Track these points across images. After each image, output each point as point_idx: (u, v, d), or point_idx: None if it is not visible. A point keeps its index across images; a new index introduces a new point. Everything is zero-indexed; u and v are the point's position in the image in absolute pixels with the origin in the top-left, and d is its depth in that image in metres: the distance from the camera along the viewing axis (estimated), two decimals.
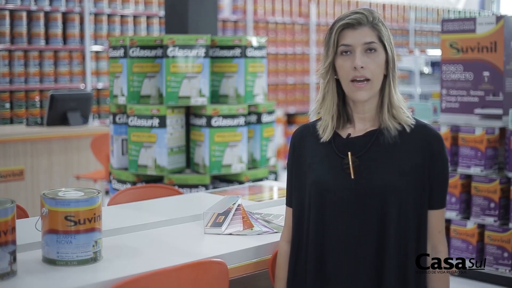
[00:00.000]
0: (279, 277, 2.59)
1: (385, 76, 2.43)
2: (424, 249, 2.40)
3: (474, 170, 5.36)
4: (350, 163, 2.38)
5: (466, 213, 5.50)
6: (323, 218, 2.41)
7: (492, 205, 5.29)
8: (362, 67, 2.35)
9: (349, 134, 2.45)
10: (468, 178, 5.46)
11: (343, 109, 2.48)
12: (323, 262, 2.41)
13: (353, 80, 2.37)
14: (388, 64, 2.42)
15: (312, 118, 2.58)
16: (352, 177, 2.37)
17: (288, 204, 2.60)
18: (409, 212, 2.36)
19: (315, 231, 2.43)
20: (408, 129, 2.41)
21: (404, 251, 2.36)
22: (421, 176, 2.37)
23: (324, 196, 2.41)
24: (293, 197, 2.56)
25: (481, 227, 5.38)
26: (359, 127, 2.46)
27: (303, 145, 2.53)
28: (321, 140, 2.47)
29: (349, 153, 2.40)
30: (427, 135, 2.41)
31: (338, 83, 2.46)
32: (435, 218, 2.41)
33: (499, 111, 5.37)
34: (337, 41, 2.41)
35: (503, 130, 5.40)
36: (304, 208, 2.49)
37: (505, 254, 5.20)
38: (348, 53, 2.39)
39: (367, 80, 2.37)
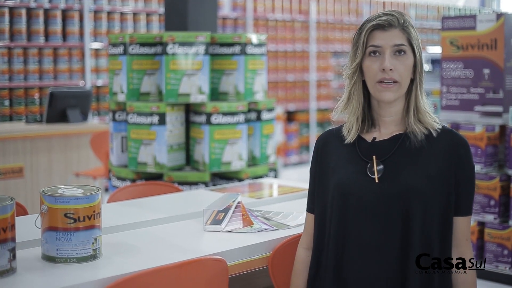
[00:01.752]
0: (295, 284, 2.56)
1: (412, 80, 2.40)
2: (448, 255, 2.36)
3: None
4: (375, 167, 2.36)
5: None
6: (345, 222, 2.38)
7: (492, 202, 5.29)
8: (391, 69, 2.32)
9: (375, 138, 2.43)
10: None
11: (369, 112, 2.46)
12: (343, 268, 2.38)
13: (380, 81, 2.35)
14: (416, 68, 2.39)
15: (335, 116, 2.54)
16: (376, 181, 2.35)
17: (309, 210, 2.57)
18: (433, 218, 2.32)
19: (336, 235, 2.40)
20: (434, 134, 2.38)
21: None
22: (446, 181, 2.33)
23: (347, 200, 2.38)
24: (315, 202, 2.53)
25: (481, 224, 5.38)
26: (384, 131, 2.43)
27: (327, 150, 2.51)
28: (346, 142, 2.45)
29: (374, 157, 2.38)
30: (454, 140, 2.38)
31: (364, 84, 2.43)
32: (462, 225, 2.38)
33: (499, 109, 5.37)
34: (366, 41, 2.38)
35: (503, 127, 5.39)
36: (326, 213, 2.46)
37: (505, 252, 5.20)
38: (377, 54, 2.36)
39: (395, 82, 2.34)
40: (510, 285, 5.18)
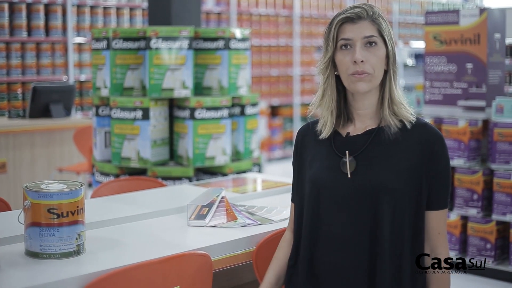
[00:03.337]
0: (277, 257, 2.58)
1: (386, 72, 2.40)
2: (421, 250, 2.36)
3: (457, 162, 5.38)
4: (348, 162, 2.37)
5: (449, 204, 5.51)
6: (318, 216, 2.40)
7: (475, 196, 5.31)
8: (362, 61, 2.32)
9: (348, 133, 2.43)
10: (451, 169, 5.47)
11: (344, 107, 2.46)
12: (315, 259, 2.40)
13: (352, 74, 2.35)
14: (388, 59, 2.39)
15: (311, 113, 2.55)
16: (349, 176, 2.36)
17: (292, 200, 2.59)
18: (404, 212, 2.32)
19: (309, 228, 2.42)
20: (408, 126, 2.38)
21: (399, 251, 2.33)
22: (418, 176, 2.33)
23: (321, 194, 2.39)
24: (295, 194, 2.56)
25: (464, 218, 5.41)
26: (359, 125, 2.44)
27: (305, 144, 2.53)
28: (320, 137, 2.46)
29: (347, 152, 2.38)
30: (427, 134, 2.37)
31: (338, 79, 2.43)
32: (434, 219, 2.37)
33: (482, 103, 5.39)
34: (337, 35, 2.38)
35: (486, 122, 5.42)
36: (303, 205, 2.48)
37: (488, 246, 5.23)
38: (348, 47, 2.36)
39: (368, 73, 2.34)
40: (493, 279, 5.21)
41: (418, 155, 2.35)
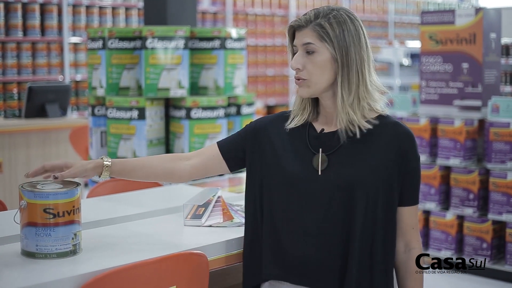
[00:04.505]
0: (154, 158, 2.69)
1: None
2: (393, 246, 2.41)
3: (453, 162, 5.39)
4: (319, 160, 2.40)
5: (445, 204, 5.53)
6: (289, 210, 2.43)
7: (471, 196, 5.32)
8: (298, 68, 2.40)
9: (323, 129, 2.47)
10: (447, 169, 5.49)
11: (316, 104, 2.52)
12: (286, 254, 2.43)
13: (295, 79, 2.45)
14: (337, 64, 2.38)
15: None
16: (319, 173, 2.39)
17: (221, 147, 2.62)
18: (376, 208, 2.36)
19: (280, 222, 2.45)
20: (380, 126, 2.40)
21: (371, 247, 2.36)
22: (389, 173, 2.36)
23: (292, 189, 2.42)
24: (225, 144, 2.62)
25: (460, 218, 5.42)
26: (333, 122, 2.47)
27: (279, 127, 2.55)
28: (289, 126, 2.50)
29: (320, 149, 2.42)
30: (398, 132, 2.40)
31: None
32: (408, 215, 2.42)
33: (478, 103, 5.40)
34: (291, 42, 2.48)
35: (482, 121, 5.43)
36: (267, 193, 2.50)
37: (484, 245, 5.24)
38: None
39: (303, 79, 2.41)
40: (489, 278, 5.22)
41: (389, 153, 2.38)
